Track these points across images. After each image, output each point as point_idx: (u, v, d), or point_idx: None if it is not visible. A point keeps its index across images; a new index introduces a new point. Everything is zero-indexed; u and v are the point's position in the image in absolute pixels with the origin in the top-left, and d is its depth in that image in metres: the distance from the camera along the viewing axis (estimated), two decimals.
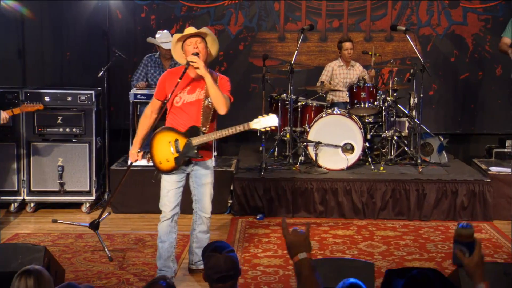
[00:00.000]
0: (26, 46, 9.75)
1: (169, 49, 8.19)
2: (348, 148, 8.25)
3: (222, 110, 5.57)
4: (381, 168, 8.27)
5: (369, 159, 8.41)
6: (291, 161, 8.44)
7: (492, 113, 9.94)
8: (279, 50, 10.03)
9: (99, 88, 8.37)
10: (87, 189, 8.06)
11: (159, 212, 8.02)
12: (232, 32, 10.00)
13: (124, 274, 5.96)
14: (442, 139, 8.72)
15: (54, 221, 7.22)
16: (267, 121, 5.52)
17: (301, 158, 8.58)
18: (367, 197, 7.86)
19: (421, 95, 8.37)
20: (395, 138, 8.61)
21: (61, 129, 7.99)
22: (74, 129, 8.01)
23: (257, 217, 7.85)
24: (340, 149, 8.26)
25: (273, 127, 5.56)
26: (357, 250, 6.71)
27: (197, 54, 5.46)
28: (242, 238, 7.12)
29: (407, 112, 8.76)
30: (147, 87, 8.30)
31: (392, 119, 8.68)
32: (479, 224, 7.61)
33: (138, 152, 5.64)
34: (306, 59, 9.95)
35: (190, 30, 5.60)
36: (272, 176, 8.04)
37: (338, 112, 8.38)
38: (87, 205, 8.08)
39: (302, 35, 8.49)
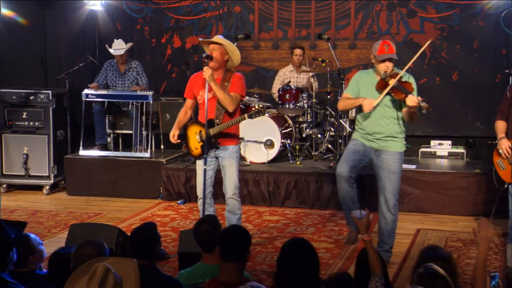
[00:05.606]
0: (48, 55, 11.37)
1: (120, 55, 9.54)
2: (268, 144, 9.14)
3: (228, 108, 6.38)
4: (298, 162, 9.09)
5: (289, 154, 9.26)
6: None
7: (450, 116, 10.37)
8: (254, 57, 11.07)
9: (64, 89, 9.80)
10: (47, 174, 9.51)
11: (105, 195, 9.34)
12: None
13: None
14: None
15: None
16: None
17: None
18: (274, 187, 8.72)
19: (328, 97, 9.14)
20: (319, 136, 9.41)
21: (26, 123, 9.52)
22: (36, 123, 9.50)
23: (178, 202, 8.95)
24: (262, 145, 9.17)
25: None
26: None
27: (210, 56, 6.39)
28: (143, 217, 8.22)
29: (333, 113, 9.50)
30: (104, 88, 9.62)
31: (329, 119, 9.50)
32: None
33: (174, 135, 6.60)
34: (278, 65, 10.86)
35: (214, 38, 6.56)
36: (193, 167, 9.06)
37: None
38: (47, 187, 9.52)
39: (236, 43, 9.46)
